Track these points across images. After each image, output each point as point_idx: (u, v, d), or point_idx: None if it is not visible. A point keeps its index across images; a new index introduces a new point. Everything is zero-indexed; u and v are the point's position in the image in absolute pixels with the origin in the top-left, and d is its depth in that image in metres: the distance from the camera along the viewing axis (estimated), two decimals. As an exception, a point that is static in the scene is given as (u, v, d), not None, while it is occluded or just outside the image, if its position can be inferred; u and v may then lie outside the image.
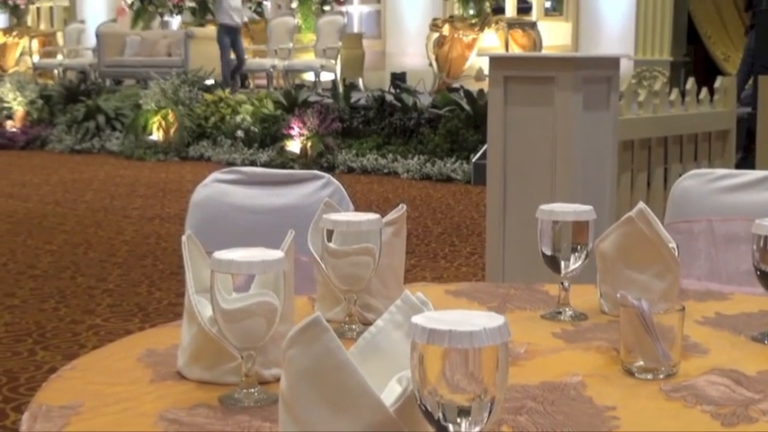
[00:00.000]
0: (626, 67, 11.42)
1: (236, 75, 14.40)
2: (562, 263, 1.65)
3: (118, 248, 6.68)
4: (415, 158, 10.44)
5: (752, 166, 5.74)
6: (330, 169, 10.70)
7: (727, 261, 2.35)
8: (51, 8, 19.95)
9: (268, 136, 11.68)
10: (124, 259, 6.34)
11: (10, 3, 19.02)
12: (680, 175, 4.64)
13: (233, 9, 14.06)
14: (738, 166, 6.44)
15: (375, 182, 10.05)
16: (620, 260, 1.67)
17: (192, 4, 16.34)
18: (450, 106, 10.94)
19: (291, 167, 10.59)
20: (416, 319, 0.95)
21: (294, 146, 11.08)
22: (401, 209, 1.69)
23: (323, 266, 1.58)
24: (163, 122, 12.33)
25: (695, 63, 12.40)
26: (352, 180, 10.09)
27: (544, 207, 1.67)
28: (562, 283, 1.68)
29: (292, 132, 11.10)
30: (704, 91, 5.23)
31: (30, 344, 4.43)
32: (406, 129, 11.08)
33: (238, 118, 12.14)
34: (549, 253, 1.66)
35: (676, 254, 1.68)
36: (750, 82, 10.21)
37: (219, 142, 12.06)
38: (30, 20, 19.57)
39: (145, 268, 6.06)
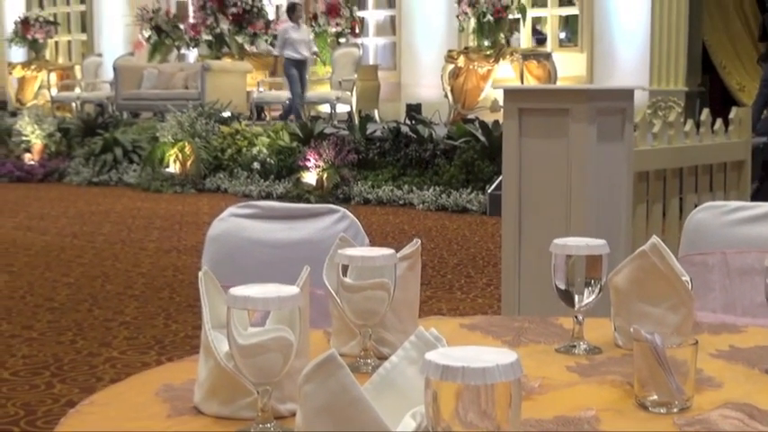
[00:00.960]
0: (641, 97, 11.44)
1: (295, 107, 14.24)
2: (576, 297, 1.66)
3: (135, 281, 6.70)
4: (431, 190, 10.46)
5: (767, 197, 5.74)
6: (346, 201, 10.73)
7: (742, 293, 2.35)
8: (69, 42, 20.11)
9: (284, 168, 11.72)
10: (141, 292, 6.36)
11: (29, 37, 19.18)
12: (695, 206, 4.66)
13: (299, 42, 14.02)
14: (754, 197, 6.45)
15: (391, 213, 10.06)
16: (634, 294, 1.68)
17: (209, 37, 16.43)
18: (465, 137, 10.97)
19: (307, 199, 10.63)
20: (430, 355, 0.96)
21: (310, 177, 11.12)
22: (415, 243, 1.70)
23: (338, 301, 1.60)
24: (179, 155, 12.39)
25: (710, 93, 12.41)
26: (368, 211, 10.11)
27: (558, 241, 1.68)
28: (576, 317, 1.69)
29: (308, 164, 11.14)
30: (719, 122, 5.24)
31: (47, 377, 4.45)
32: (422, 160, 11.11)
33: (255, 150, 12.19)
34: (562, 287, 1.67)
35: (690, 287, 1.68)
36: (766, 112, 10.23)
37: (236, 174, 12.10)
38: (48, 54, 19.72)
39: (161, 301, 6.08)
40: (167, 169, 12.38)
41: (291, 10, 14.38)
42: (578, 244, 1.67)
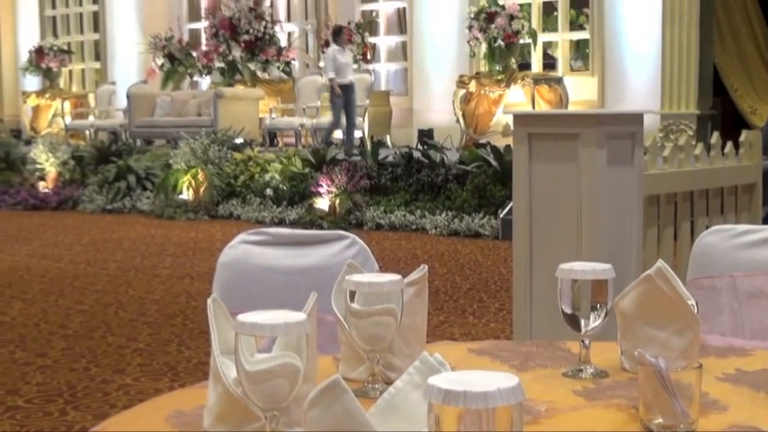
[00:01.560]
0: (653, 120, 11.47)
1: (350, 137, 13.95)
2: (582, 321, 1.67)
3: (148, 308, 6.73)
4: (443, 214, 10.47)
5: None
6: (358, 226, 10.75)
7: (751, 317, 2.35)
8: (83, 70, 20.25)
9: (297, 194, 11.76)
10: (154, 318, 6.38)
11: (43, 66, 19.31)
12: (706, 228, 4.66)
13: (346, 66, 13.86)
14: (765, 220, 6.44)
15: (403, 238, 10.08)
16: (640, 318, 1.69)
17: (222, 65, 16.52)
18: (477, 162, 10.98)
19: (320, 225, 10.66)
20: (433, 380, 0.98)
21: (323, 203, 11.15)
22: (423, 269, 1.72)
23: (346, 327, 1.61)
24: (193, 182, 12.45)
25: (722, 116, 12.41)
26: (381, 237, 10.13)
27: (563, 266, 1.69)
28: (583, 341, 1.70)
29: (321, 190, 11.17)
30: (729, 145, 5.24)
31: (61, 404, 4.46)
32: (434, 185, 11.13)
33: (267, 176, 12.23)
34: (569, 311, 1.68)
35: (695, 311, 1.70)
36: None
37: (249, 200, 12.14)
38: (62, 82, 19.85)
39: (174, 327, 6.09)
40: (180, 196, 12.43)
41: (338, 33, 14.18)
42: (584, 268, 1.68)
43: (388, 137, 14.60)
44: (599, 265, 1.69)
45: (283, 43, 16.63)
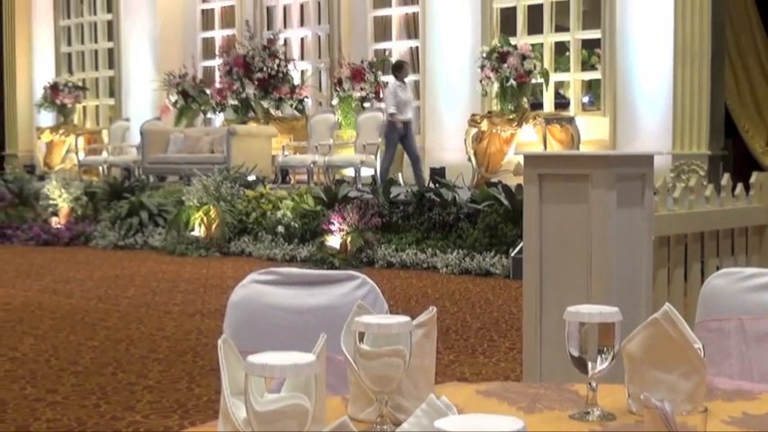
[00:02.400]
0: (664, 160, 11.48)
1: (418, 172, 13.72)
2: (589, 364, 1.68)
3: (159, 344, 6.74)
4: (455, 253, 10.48)
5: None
6: (370, 264, 10.77)
7: (759, 359, 2.36)
8: (97, 107, 20.37)
9: (308, 231, 11.78)
10: (165, 355, 6.39)
11: (57, 102, 19.43)
12: (717, 269, 4.66)
13: (407, 102, 13.73)
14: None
15: (414, 277, 10.08)
16: (647, 361, 1.70)
17: (235, 102, 16.60)
18: (488, 201, 11.00)
19: (331, 263, 10.68)
20: (439, 423, 1.00)
21: (334, 241, 11.17)
22: (431, 311, 1.74)
23: (355, 367, 1.63)
24: (205, 218, 12.49)
25: (734, 157, 12.43)
26: (392, 275, 10.14)
27: (571, 309, 1.71)
28: (590, 384, 1.72)
29: (332, 228, 11.19)
30: (739, 186, 5.25)
31: (71, 440, 4.47)
32: (446, 223, 11.15)
33: (279, 213, 12.26)
34: (576, 354, 1.69)
35: (702, 354, 1.71)
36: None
37: (260, 238, 12.17)
38: (76, 118, 19.95)
39: (185, 364, 6.10)
40: (192, 233, 12.46)
41: (399, 68, 14.01)
42: (591, 311, 1.69)
43: (400, 175, 14.63)
44: (606, 308, 1.71)
45: (297, 81, 16.71)
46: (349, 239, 11.08)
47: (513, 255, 9.81)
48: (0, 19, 21.09)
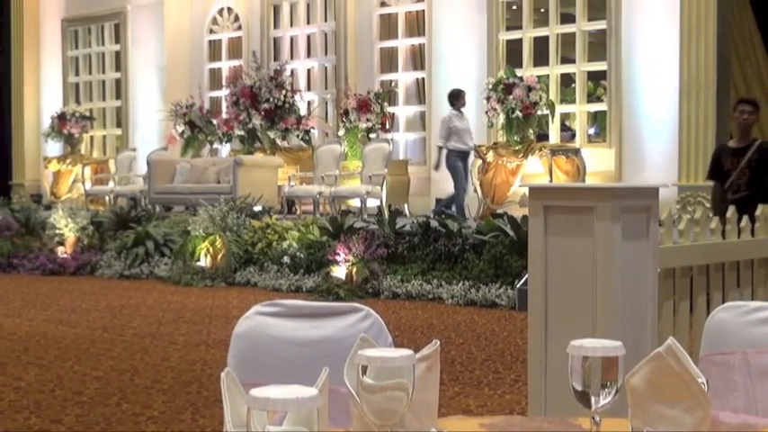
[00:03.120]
0: (670, 192, 11.47)
1: (461, 202, 13.44)
2: (593, 398, 1.68)
3: (163, 375, 6.73)
4: (460, 284, 10.46)
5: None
6: (375, 295, 10.76)
7: (764, 393, 2.36)
8: (104, 136, 20.44)
9: (314, 262, 11.78)
10: (169, 386, 6.38)
11: (65, 132, 19.50)
12: (723, 301, 4.65)
13: (465, 131, 13.43)
14: (782, 294, 6.41)
15: (420, 307, 10.07)
16: (651, 395, 1.70)
17: (241, 133, 16.66)
18: (494, 232, 11.01)
19: (337, 293, 10.67)
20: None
21: (340, 272, 11.16)
22: (435, 344, 1.74)
23: (358, 400, 1.63)
24: (210, 248, 12.49)
25: (740, 188, 12.41)
26: (397, 306, 10.13)
27: (574, 343, 1.71)
28: (593, 418, 1.71)
29: (338, 258, 11.19)
30: (745, 219, 5.25)
31: (74, 471, 4.46)
32: (451, 254, 11.15)
33: (285, 244, 12.27)
34: (579, 388, 1.69)
35: (706, 389, 1.70)
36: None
37: (266, 268, 12.17)
38: (83, 148, 20.02)
39: (189, 395, 6.09)
40: (198, 263, 12.47)
41: (456, 97, 13.65)
42: (594, 345, 1.69)
43: (405, 206, 14.66)
44: (609, 343, 1.71)
45: (303, 112, 16.77)
46: (354, 270, 11.07)
47: (518, 286, 9.80)
48: (9, 49, 21.21)
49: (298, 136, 16.54)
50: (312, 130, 16.84)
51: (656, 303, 4.01)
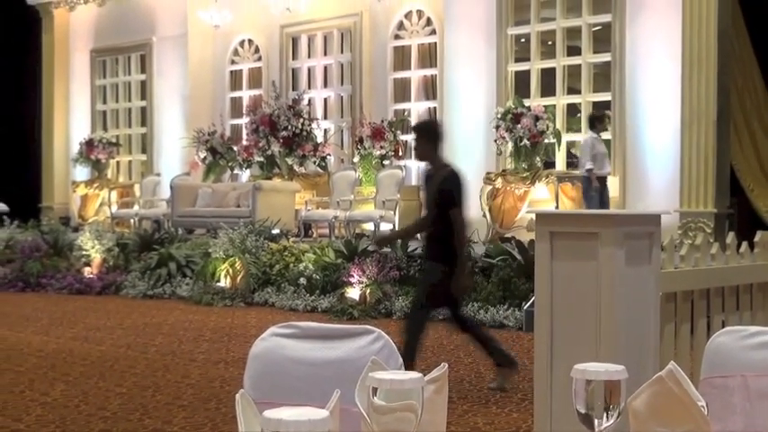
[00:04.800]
0: (672, 218, 11.43)
1: None
2: (596, 421, 1.66)
3: (184, 391, 6.72)
4: (469, 306, 10.43)
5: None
6: (387, 315, 10.74)
7: (763, 416, 2.32)
8: (130, 162, 20.50)
9: (329, 283, 11.77)
10: (189, 402, 6.37)
11: (92, 157, 19.58)
12: (723, 325, 4.62)
13: (604, 156, 12.47)
14: (781, 317, 6.37)
15: (430, 328, 9.99)
16: (652, 418, 1.68)
17: (261, 159, 16.69)
18: (502, 256, 10.99)
19: (351, 314, 10.66)
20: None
21: (354, 293, 11.15)
22: (443, 367, 1.73)
23: (369, 421, 1.61)
24: (230, 270, 12.51)
25: (739, 215, 12.38)
26: (409, 326, 10.09)
27: (578, 366, 1.69)
28: (596, 440, 1.69)
29: (352, 280, 11.19)
30: (744, 244, 5.22)
31: (97, 485, 4.44)
32: (461, 277, 11.10)
33: (301, 266, 12.27)
34: (583, 411, 1.67)
35: (706, 412, 1.68)
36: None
37: (283, 289, 12.17)
38: (110, 173, 20.09)
39: (209, 411, 6.08)
40: (218, 283, 12.48)
41: (600, 120, 12.53)
42: (597, 369, 1.68)
43: (417, 230, 14.61)
44: (612, 366, 1.69)
45: (320, 139, 16.79)
46: (368, 291, 11.06)
47: (525, 308, 9.78)
48: (40, 78, 21.34)
49: (314, 162, 16.57)
50: (328, 157, 16.86)
51: (658, 326, 3.99)
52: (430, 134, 6.91)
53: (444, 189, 6.62)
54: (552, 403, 3.75)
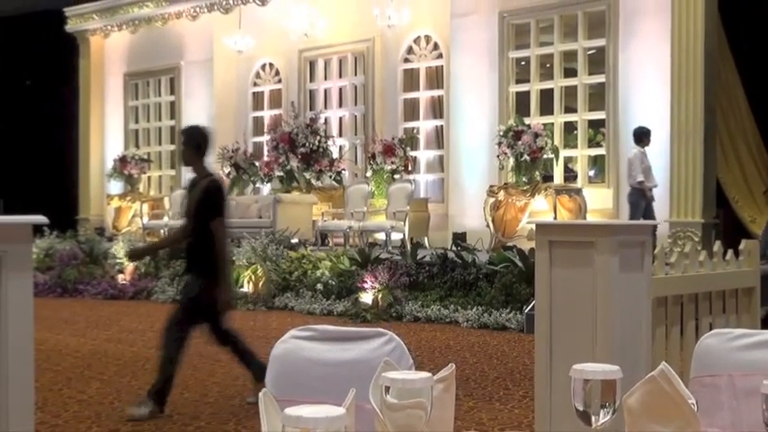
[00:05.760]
0: (662, 228, 11.40)
1: (654, 240, 11.72)
2: (593, 417, 1.65)
3: (210, 389, 6.71)
4: (474, 309, 10.42)
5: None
6: (398, 318, 10.72)
7: (749, 412, 2.31)
8: (160, 177, 20.54)
9: (344, 288, 11.77)
10: (215, 399, 6.36)
11: (125, 172, 19.63)
12: (710, 327, 4.59)
13: (650, 169, 12.02)
14: (764, 320, 6.35)
15: (438, 330, 10.02)
16: (645, 415, 1.67)
17: (281, 174, 16.70)
18: (504, 263, 10.97)
19: (364, 317, 10.65)
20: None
21: (367, 297, 11.14)
22: (450, 368, 1.72)
23: (381, 418, 1.61)
24: (253, 276, 12.51)
25: (725, 224, 12.34)
26: (418, 328, 10.08)
27: (576, 367, 1.68)
28: (594, 435, 1.68)
29: (365, 285, 11.18)
30: (730, 252, 5.20)
31: (130, 476, 4.44)
32: (466, 283, 11.11)
33: (318, 272, 12.27)
34: (581, 408, 1.66)
35: (696, 409, 1.67)
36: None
37: (301, 294, 12.16)
38: (141, 187, 20.13)
39: (233, 407, 6.07)
40: (242, 289, 12.48)
41: (646, 135, 12.13)
42: (594, 369, 1.67)
43: (425, 239, 14.62)
44: (608, 367, 1.68)
45: (335, 155, 16.81)
46: (380, 296, 11.05)
47: (526, 311, 9.75)
48: (77, 100, 21.43)
49: (330, 176, 16.57)
50: (343, 172, 16.86)
51: (650, 328, 3.97)
52: (195, 141, 6.29)
53: (205, 199, 6.07)
54: (552, 401, 3.73)
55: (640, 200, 11.98)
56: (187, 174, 19.16)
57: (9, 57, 22.27)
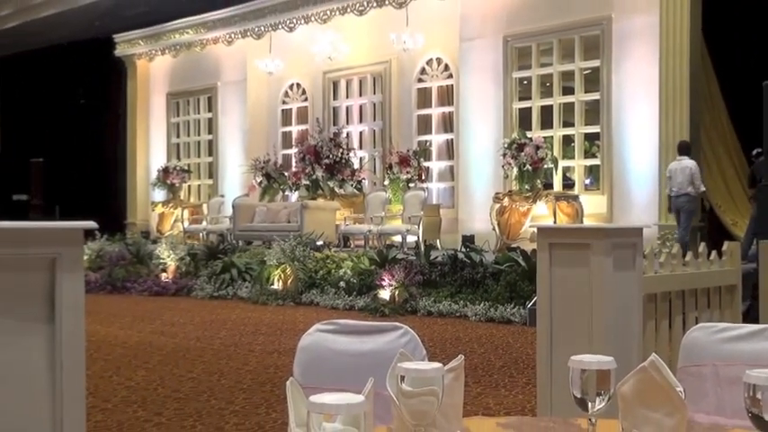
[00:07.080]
0: (652, 231, 11.34)
1: (684, 241, 11.06)
2: (589, 404, 1.64)
3: (244, 377, 6.71)
4: (482, 304, 10.39)
5: (757, 314, 5.61)
6: (413, 313, 10.70)
7: (732, 399, 2.29)
8: (199, 186, 20.61)
9: (364, 286, 11.76)
10: (248, 385, 6.36)
11: (168, 182, 19.70)
12: (696, 321, 4.55)
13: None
14: (745, 315, 6.30)
15: (449, 323, 10.00)
16: (637, 401, 1.65)
17: (307, 182, 16.73)
18: (509, 263, 10.93)
19: (382, 311, 10.63)
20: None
21: (385, 294, 11.13)
22: (460, 359, 1.71)
23: (397, 404, 1.60)
24: (282, 275, 12.51)
25: (709, 227, 12.26)
26: (431, 322, 10.06)
27: (574, 358, 1.67)
28: (590, 420, 1.67)
29: (383, 283, 11.16)
30: (713, 253, 5.17)
31: (172, 455, 4.44)
32: (474, 280, 11.07)
33: (341, 271, 12.26)
34: (578, 396, 1.65)
35: (683, 396, 1.66)
36: (754, 244, 10.04)
37: (326, 291, 12.16)
38: (182, 195, 20.20)
39: (264, 393, 6.07)
40: (272, 286, 12.49)
41: (690, 147, 11.70)
42: (591, 360, 1.66)
43: (438, 241, 14.60)
44: (603, 358, 1.67)
45: (356, 166, 16.82)
46: (397, 293, 11.04)
47: (529, 306, 9.71)
48: (125, 118, 21.54)
49: (352, 185, 16.58)
50: (363, 181, 16.87)
51: (642, 323, 3.94)
52: None
53: None
54: (552, 388, 3.71)
55: (697, 208, 11.58)
56: (223, 183, 19.29)
57: (65, 79, 22.44)
